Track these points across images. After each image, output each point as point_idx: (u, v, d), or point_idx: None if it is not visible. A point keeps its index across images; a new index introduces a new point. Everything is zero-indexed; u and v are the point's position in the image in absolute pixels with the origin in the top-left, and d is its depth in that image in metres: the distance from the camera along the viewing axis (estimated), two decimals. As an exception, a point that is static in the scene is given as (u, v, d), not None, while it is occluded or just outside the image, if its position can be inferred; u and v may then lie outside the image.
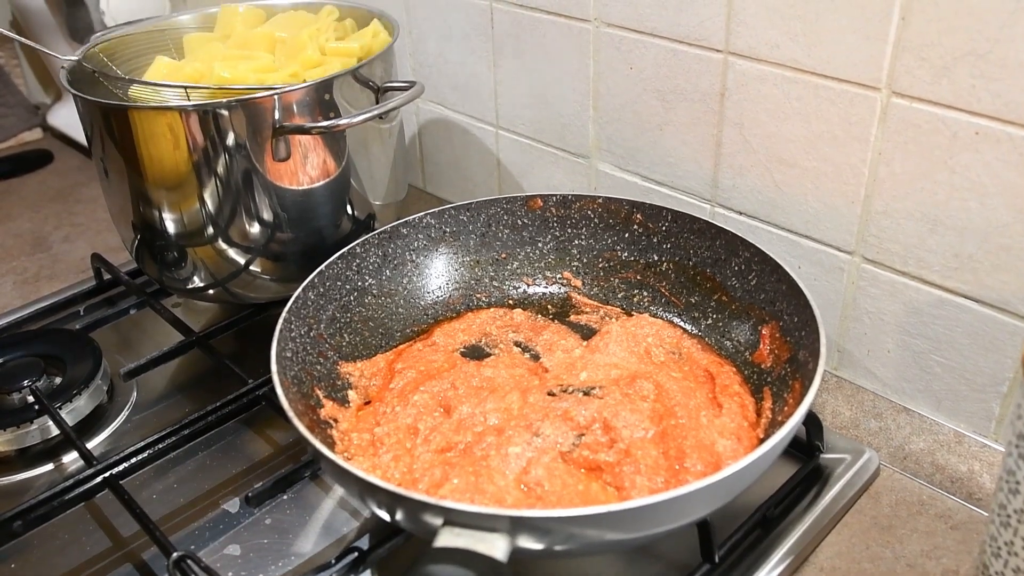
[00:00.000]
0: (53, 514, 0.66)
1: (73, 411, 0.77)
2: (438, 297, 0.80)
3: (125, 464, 0.69)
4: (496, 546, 0.48)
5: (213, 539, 0.66)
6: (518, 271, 0.82)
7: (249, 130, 0.72)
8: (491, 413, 0.65)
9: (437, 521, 0.49)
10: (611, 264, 0.80)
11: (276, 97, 0.71)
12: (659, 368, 0.71)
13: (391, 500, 0.51)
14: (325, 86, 0.73)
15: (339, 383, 0.70)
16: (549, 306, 0.81)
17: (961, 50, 0.59)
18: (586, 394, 0.68)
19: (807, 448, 0.68)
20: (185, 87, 0.75)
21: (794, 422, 0.54)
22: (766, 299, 0.70)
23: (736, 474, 0.51)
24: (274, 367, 0.61)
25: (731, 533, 0.61)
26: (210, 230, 0.77)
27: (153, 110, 0.72)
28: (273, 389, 0.60)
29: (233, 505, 0.69)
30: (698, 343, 0.74)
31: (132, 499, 0.66)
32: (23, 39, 0.84)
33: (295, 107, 0.72)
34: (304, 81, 0.76)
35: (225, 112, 0.71)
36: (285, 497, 0.69)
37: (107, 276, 0.95)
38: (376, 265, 0.77)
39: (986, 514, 0.65)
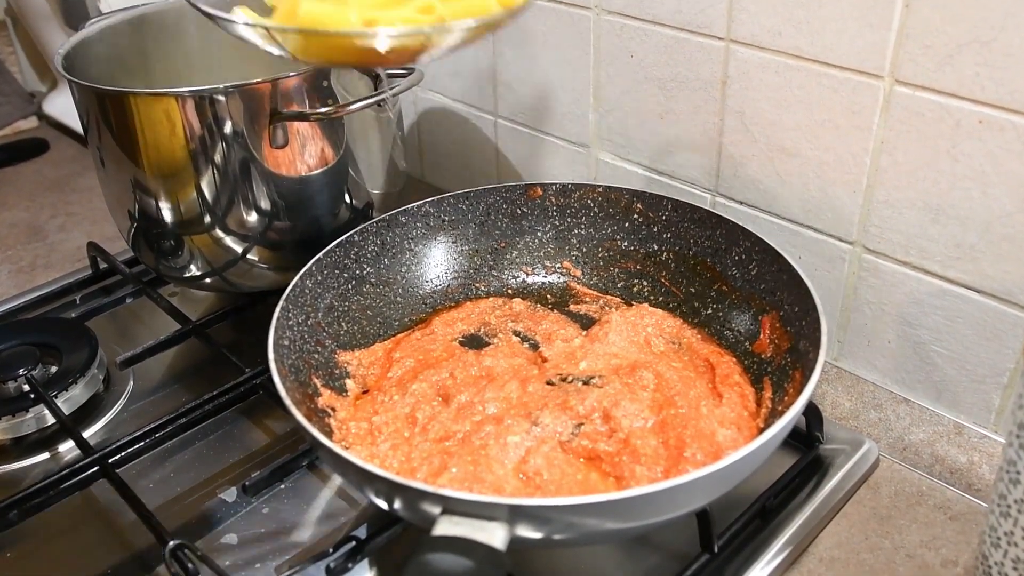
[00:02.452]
0: (49, 503, 0.66)
1: (69, 400, 0.76)
2: (437, 286, 0.80)
3: (121, 453, 0.69)
4: (495, 535, 0.47)
5: (210, 528, 0.66)
6: (517, 260, 0.82)
7: (246, 116, 0.71)
8: (490, 402, 0.65)
9: (435, 510, 0.49)
10: (611, 254, 0.80)
11: (274, 83, 0.70)
12: (659, 358, 0.70)
13: (389, 488, 0.51)
14: (323, 73, 0.73)
15: (337, 372, 0.70)
16: (548, 296, 0.81)
17: (965, 38, 0.58)
18: (585, 383, 0.68)
19: (807, 438, 0.68)
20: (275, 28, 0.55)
21: (794, 412, 0.54)
22: (767, 289, 0.69)
23: (736, 463, 0.50)
24: (271, 355, 0.61)
25: (730, 523, 0.61)
26: (207, 218, 0.76)
27: (149, 95, 0.71)
28: (270, 378, 0.59)
29: (230, 494, 0.69)
30: (698, 333, 0.73)
31: (128, 488, 0.65)
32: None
33: (293, 93, 0.72)
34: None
35: (222, 98, 0.70)
36: (283, 486, 0.69)
37: (103, 265, 0.95)
38: (374, 253, 0.76)
39: (985, 505, 0.65)
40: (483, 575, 0.45)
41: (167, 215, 0.77)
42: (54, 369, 0.79)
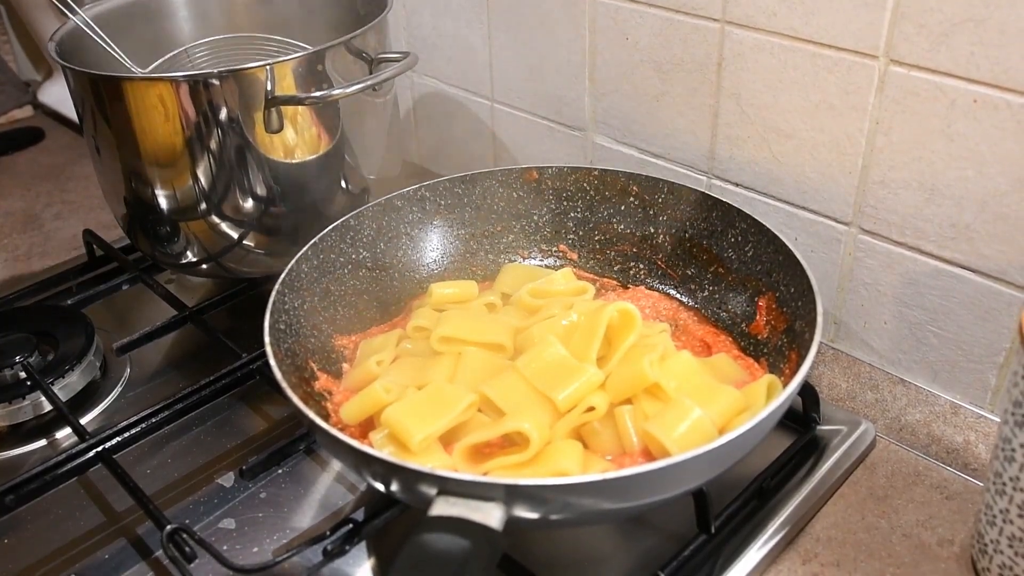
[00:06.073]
0: (46, 489, 0.66)
1: (66, 387, 0.76)
2: (433, 270, 0.80)
3: (118, 438, 0.69)
4: (491, 515, 0.47)
5: (208, 513, 0.66)
6: (513, 244, 0.82)
7: (241, 101, 0.71)
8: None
9: (432, 490, 0.49)
10: (607, 237, 0.80)
11: (268, 68, 0.70)
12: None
13: (385, 470, 0.51)
14: (318, 57, 0.73)
15: (333, 356, 0.70)
16: (544, 279, 0.80)
17: (960, 16, 0.58)
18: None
19: (803, 420, 0.68)
20: None
21: (790, 392, 0.54)
22: (763, 270, 0.69)
23: (731, 443, 0.50)
24: (267, 339, 0.61)
25: (727, 504, 0.61)
26: (203, 204, 0.76)
27: (144, 81, 0.71)
28: (267, 363, 0.59)
29: (228, 479, 0.69)
30: (694, 315, 0.73)
31: (126, 473, 0.65)
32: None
33: (288, 78, 0.72)
34: None
35: (217, 83, 0.70)
36: (280, 471, 0.69)
37: (99, 252, 0.94)
38: (370, 238, 0.76)
39: (981, 484, 0.65)
40: (480, 555, 0.46)
41: (163, 202, 0.77)
42: (51, 356, 0.79)
